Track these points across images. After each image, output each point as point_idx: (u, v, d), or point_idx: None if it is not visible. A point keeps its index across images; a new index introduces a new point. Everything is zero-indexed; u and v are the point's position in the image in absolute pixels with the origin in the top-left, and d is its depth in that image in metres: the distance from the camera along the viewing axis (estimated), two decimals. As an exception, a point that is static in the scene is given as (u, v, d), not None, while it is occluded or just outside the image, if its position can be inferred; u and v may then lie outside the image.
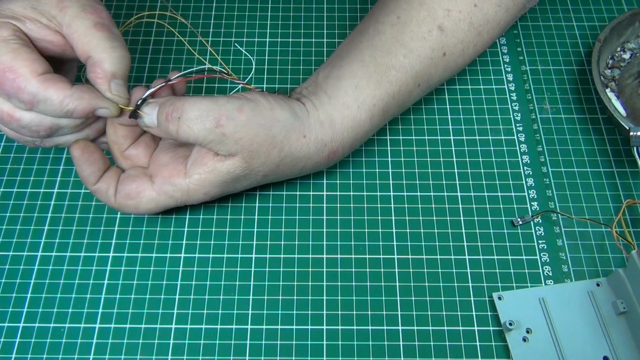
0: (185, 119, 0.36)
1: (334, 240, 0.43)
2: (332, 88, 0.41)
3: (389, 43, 0.41)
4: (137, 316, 0.40)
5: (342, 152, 0.42)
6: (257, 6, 0.55)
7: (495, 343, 0.39)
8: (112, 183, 0.39)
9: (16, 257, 0.42)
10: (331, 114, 0.40)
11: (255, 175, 0.39)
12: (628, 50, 0.50)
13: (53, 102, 0.36)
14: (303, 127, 0.39)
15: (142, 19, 0.45)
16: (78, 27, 0.37)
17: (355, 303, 0.40)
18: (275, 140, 0.38)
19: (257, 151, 0.38)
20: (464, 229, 0.43)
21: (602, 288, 0.40)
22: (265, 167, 0.39)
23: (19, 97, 0.36)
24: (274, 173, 0.40)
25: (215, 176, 0.38)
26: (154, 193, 0.39)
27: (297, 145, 0.39)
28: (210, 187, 0.39)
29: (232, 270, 0.42)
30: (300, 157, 0.40)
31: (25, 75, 0.35)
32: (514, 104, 0.49)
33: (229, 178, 0.38)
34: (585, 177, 0.45)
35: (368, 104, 0.41)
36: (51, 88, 0.36)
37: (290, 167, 0.40)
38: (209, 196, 0.40)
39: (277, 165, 0.39)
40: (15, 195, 0.45)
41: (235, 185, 0.40)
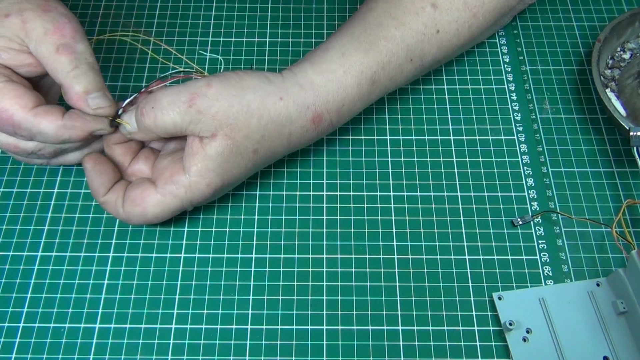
0: (158, 107, 0.37)
1: (334, 240, 0.43)
2: (317, 57, 0.40)
3: (380, 17, 0.41)
4: (137, 316, 0.40)
5: (329, 118, 0.40)
6: (257, 6, 0.55)
7: (495, 343, 0.39)
8: (120, 193, 0.39)
9: (16, 257, 0.42)
10: (311, 78, 0.39)
11: (246, 152, 0.38)
12: (628, 50, 0.50)
13: (48, 134, 0.37)
14: (278, 90, 0.38)
15: (114, 36, 0.45)
16: (43, 53, 0.37)
17: (355, 303, 0.40)
18: (250, 108, 0.37)
19: (236, 123, 0.37)
20: (464, 229, 0.43)
21: (602, 288, 0.40)
22: (251, 140, 0.38)
23: (17, 132, 0.37)
24: (264, 147, 0.39)
25: (208, 161, 0.37)
26: (158, 195, 0.38)
27: (275, 110, 0.38)
28: (209, 175, 0.38)
29: (232, 270, 0.42)
30: (282, 122, 0.39)
31: (16, 112, 0.36)
32: (514, 104, 0.49)
33: (221, 160, 0.38)
34: (585, 177, 0.45)
35: (355, 70, 0.40)
36: (43, 121, 0.36)
37: (277, 135, 0.39)
38: (212, 187, 0.38)
39: (262, 136, 0.38)
40: (15, 195, 0.45)
41: (234, 172, 0.39)
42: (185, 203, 0.39)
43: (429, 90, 0.49)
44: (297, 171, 0.46)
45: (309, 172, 0.45)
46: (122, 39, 0.40)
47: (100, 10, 0.54)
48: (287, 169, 0.45)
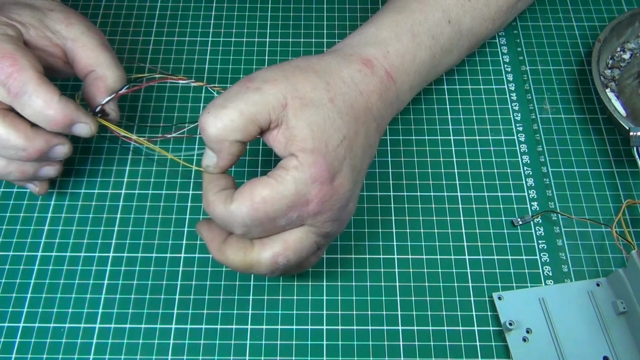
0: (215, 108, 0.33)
1: (334, 240, 0.43)
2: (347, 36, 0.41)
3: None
4: (137, 316, 0.40)
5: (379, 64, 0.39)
6: (257, 6, 0.55)
7: (495, 343, 0.39)
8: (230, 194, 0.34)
9: (16, 257, 0.42)
10: (343, 41, 0.40)
11: (324, 104, 0.35)
12: (628, 50, 0.50)
13: (38, 99, 0.36)
14: (315, 55, 0.38)
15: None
16: (85, 42, 0.39)
17: (355, 303, 0.40)
18: (300, 66, 0.36)
19: (296, 80, 0.35)
20: (464, 229, 0.43)
21: (602, 288, 0.40)
22: (320, 89, 0.35)
23: (9, 83, 0.35)
24: (337, 94, 0.35)
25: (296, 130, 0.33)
26: (269, 178, 0.33)
27: (323, 61, 0.37)
28: (309, 142, 0.33)
29: (232, 270, 0.41)
30: (335, 67, 0.37)
31: (23, 65, 0.36)
32: (514, 104, 0.49)
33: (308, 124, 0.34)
34: (585, 177, 0.45)
35: (388, 24, 0.40)
36: (43, 86, 0.36)
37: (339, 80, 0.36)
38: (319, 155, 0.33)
39: (327, 82, 0.35)
40: (15, 195, 0.45)
41: (329, 131, 0.34)
42: (301, 185, 0.33)
43: (429, 90, 0.49)
44: (297, 171, 0.45)
45: (309, 172, 0.45)
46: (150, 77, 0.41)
47: (100, 11, 0.54)
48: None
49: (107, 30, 0.53)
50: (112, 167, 0.46)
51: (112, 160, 0.46)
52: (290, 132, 0.33)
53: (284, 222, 0.34)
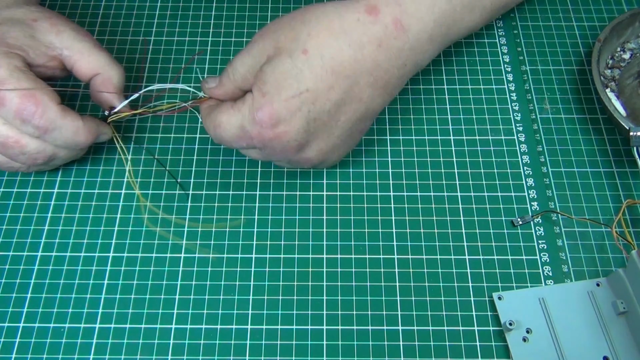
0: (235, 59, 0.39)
1: (334, 240, 0.43)
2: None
3: None
4: (137, 316, 0.40)
5: (388, 11, 0.38)
6: (257, 6, 0.55)
7: (495, 343, 0.39)
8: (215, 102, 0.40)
9: (16, 257, 0.42)
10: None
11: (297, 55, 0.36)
12: (628, 50, 0.50)
13: (67, 131, 0.39)
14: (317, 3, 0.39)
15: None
16: (80, 48, 0.41)
17: (355, 303, 0.40)
18: (294, 17, 0.38)
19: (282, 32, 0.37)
20: (464, 229, 0.43)
21: (602, 288, 0.40)
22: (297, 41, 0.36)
23: (36, 122, 0.38)
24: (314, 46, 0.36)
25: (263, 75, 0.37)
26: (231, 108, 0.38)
27: (319, 10, 0.37)
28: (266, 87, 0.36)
29: (232, 270, 0.42)
30: (328, 15, 0.37)
31: (46, 103, 0.38)
32: (514, 104, 0.49)
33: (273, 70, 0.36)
34: (585, 177, 0.45)
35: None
36: (68, 117, 0.39)
37: (327, 30, 0.37)
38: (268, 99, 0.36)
39: (308, 34, 0.37)
40: (15, 195, 0.45)
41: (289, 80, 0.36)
42: (247, 121, 0.37)
43: (429, 90, 0.49)
44: (297, 171, 0.46)
45: (309, 172, 0.45)
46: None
47: (100, 11, 0.54)
48: (287, 169, 0.45)
49: (107, 30, 0.53)
50: (112, 167, 0.46)
51: (112, 160, 0.46)
52: (259, 73, 0.37)
53: (237, 146, 0.39)
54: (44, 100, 0.37)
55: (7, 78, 0.37)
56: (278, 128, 0.37)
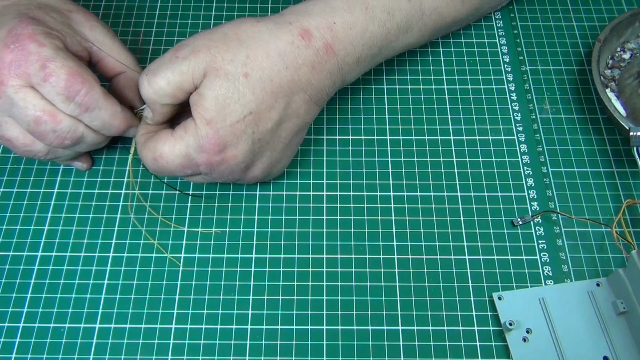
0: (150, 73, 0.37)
1: (334, 240, 0.43)
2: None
3: None
4: (137, 316, 0.40)
5: (320, 35, 0.39)
6: (257, 6, 0.55)
7: (495, 343, 0.39)
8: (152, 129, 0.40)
9: (16, 257, 0.42)
10: (291, 8, 0.40)
11: (236, 77, 0.36)
12: (628, 50, 0.50)
13: (106, 112, 0.39)
14: (253, 18, 0.39)
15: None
16: (111, 45, 0.42)
17: (355, 303, 0.40)
18: (228, 35, 0.38)
19: (217, 49, 0.37)
20: (464, 229, 0.43)
21: (602, 288, 0.40)
22: (237, 63, 0.37)
23: (80, 99, 0.37)
24: (254, 68, 0.37)
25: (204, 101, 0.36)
26: (170, 136, 0.38)
27: (253, 29, 0.38)
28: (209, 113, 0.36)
29: (232, 270, 0.42)
30: (264, 38, 0.38)
31: (92, 82, 0.38)
32: (514, 104, 0.49)
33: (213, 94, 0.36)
34: (585, 177, 0.45)
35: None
36: (109, 100, 0.39)
37: (264, 54, 0.37)
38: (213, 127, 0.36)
39: (247, 56, 0.37)
40: (15, 195, 0.45)
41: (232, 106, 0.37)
42: (193, 149, 0.37)
43: (429, 90, 0.49)
44: (297, 171, 0.46)
45: (309, 172, 0.45)
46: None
47: (100, 11, 0.54)
48: (287, 169, 0.45)
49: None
50: (112, 167, 0.46)
51: (112, 161, 0.46)
52: (199, 98, 0.37)
53: (181, 174, 0.39)
54: (90, 79, 0.38)
55: (53, 56, 0.37)
56: (225, 153, 0.38)
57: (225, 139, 0.37)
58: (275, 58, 0.38)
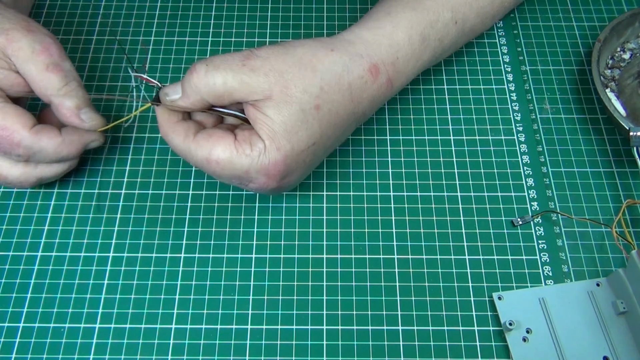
0: (211, 64, 0.35)
1: (334, 240, 0.43)
2: (362, 19, 0.41)
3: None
4: (137, 316, 0.40)
5: (385, 70, 0.39)
6: (257, 6, 0.55)
7: (495, 343, 0.39)
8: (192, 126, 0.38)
9: (16, 257, 0.42)
10: (359, 33, 0.39)
11: (308, 108, 0.36)
12: (628, 50, 0.50)
13: (48, 151, 0.38)
14: (327, 44, 0.38)
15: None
16: (31, 70, 0.37)
17: (355, 303, 0.40)
18: (303, 61, 0.36)
19: (291, 77, 0.36)
20: (464, 229, 0.43)
21: (602, 288, 0.40)
22: (310, 94, 0.36)
23: (15, 152, 0.37)
24: (326, 101, 0.37)
25: (272, 123, 0.35)
26: (232, 145, 0.36)
27: (328, 59, 0.37)
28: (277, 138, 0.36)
29: (232, 270, 0.42)
30: (338, 71, 0.37)
31: (18, 130, 0.37)
32: (514, 104, 0.49)
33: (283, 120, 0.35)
34: (585, 177, 0.45)
35: (404, 25, 0.40)
36: (44, 138, 0.38)
37: (336, 87, 0.37)
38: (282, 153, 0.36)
39: (321, 88, 0.36)
40: (15, 195, 0.45)
41: (300, 134, 0.36)
42: (254, 169, 0.36)
43: (429, 90, 0.49)
44: (297, 171, 0.46)
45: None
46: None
47: (100, 11, 0.54)
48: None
49: (107, 30, 0.53)
50: (112, 167, 0.46)
51: (112, 160, 0.46)
52: (265, 118, 0.35)
53: (228, 182, 0.38)
54: (16, 128, 0.36)
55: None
56: (285, 179, 0.38)
57: (290, 167, 0.37)
58: (345, 92, 0.38)
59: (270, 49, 0.37)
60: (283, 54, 0.36)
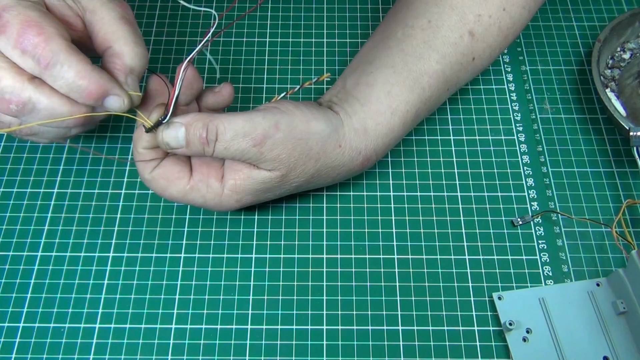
0: (221, 140, 0.36)
1: (334, 240, 0.43)
2: (364, 95, 0.40)
3: (420, 48, 0.41)
4: (137, 316, 0.40)
5: (375, 158, 0.41)
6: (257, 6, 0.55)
7: (495, 343, 0.39)
8: (159, 155, 0.38)
9: (16, 257, 0.42)
10: (365, 122, 0.40)
11: (289, 185, 0.39)
12: (628, 50, 0.50)
13: (69, 70, 0.33)
14: (338, 136, 0.39)
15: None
16: (104, 15, 0.36)
17: (355, 303, 0.40)
18: (311, 153, 0.38)
19: (295, 165, 0.38)
20: (464, 229, 0.43)
21: (602, 288, 0.40)
22: (300, 178, 0.39)
23: (36, 53, 0.32)
24: (307, 182, 0.40)
25: (250, 184, 0.38)
26: (187, 186, 0.37)
27: (332, 155, 0.39)
28: (244, 194, 0.38)
29: (232, 270, 0.42)
30: (335, 165, 0.39)
31: (51, 34, 0.33)
32: (514, 104, 0.49)
33: (262, 187, 0.38)
34: (585, 177, 0.45)
35: (402, 110, 0.41)
36: (74, 55, 0.33)
37: (324, 176, 0.40)
38: (241, 204, 0.39)
39: (312, 176, 0.39)
40: (15, 195, 0.45)
41: (267, 194, 0.39)
42: (207, 206, 0.39)
43: (429, 90, 0.49)
44: (297, 171, 0.46)
45: (309, 172, 0.45)
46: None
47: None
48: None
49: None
50: (112, 167, 0.46)
51: (112, 161, 0.46)
52: (246, 178, 0.37)
53: None
54: (49, 31, 0.33)
55: (11, 5, 0.32)
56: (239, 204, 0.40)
57: (242, 207, 0.40)
58: (330, 179, 0.41)
59: (288, 132, 0.37)
60: (298, 141, 0.37)
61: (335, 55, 0.51)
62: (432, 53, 0.41)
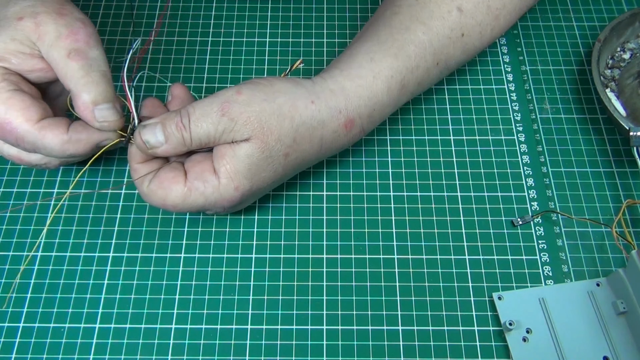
0: (192, 119, 0.36)
1: (334, 240, 0.43)
2: (345, 62, 0.40)
3: (407, 21, 0.41)
4: (137, 316, 0.40)
5: (360, 123, 0.40)
6: (257, 6, 0.55)
7: (495, 343, 0.39)
8: (154, 167, 0.38)
9: (16, 257, 0.42)
10: (342, 83, 0.39)
11: (277, 155, 0.37)
12: (628, 50, 0.50)
13: (53, 148, 0.36)
14: (309, 93, 0.38)
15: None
16: (54, 57, 0.36)
17: (355, 303, 0.40)
18: (282, 111, 0.37)
19: (268, 126, 0.36)
20: (464, 229, 0.43)
21: (602, 288, 0.40)
22: (283, 143, 0.37)
23: (20, 146, 0.36)
24: (296, 151, 0.38)
25: (237, 163, 0.37)
26: (184, 188, 0.37)
27: (306, 112, 0.38)
28: (239, 178, 0.37)
29: (232, 270, 0.42)
30: (314, 125, 0.38)
31: (21, 125, 0.35)
32: (514, 104, 0.49)
33: (250, 163, 0.37)
34: (585, 177, 0.45)
35: (385, 74, 0.40)
36: (49, 135, 0.35)
37: (308, 139, 0.38)
38: (240, 191, 0.37)
39: (294, 139, 0.38)
40: (15, 195, 0.45)
41: (263, 175, 0.38)
42: (209, 204, 0.38)
43: (429, 90, 0.49)
44: (297, 171, 0.46)
45: (309, 172, 0.45)
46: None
47: (100, 10, 0.54)
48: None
49: (106, 30, 0.53)
50: (112, 167, 0.46)
51: (112, 161, 0.46)
52: (233, 159, 0.37)
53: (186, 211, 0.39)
54: (19, 122, 0.35)
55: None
56: (241, 205, 0.40)
57: (247, 198, 0.39)
58: (316, 143, 0.39)
59: (251, 94, 0.37)
60: (263, 101, 0.37)
61: (335, 56, 0.51)
62: (419, 25, 0.41)
